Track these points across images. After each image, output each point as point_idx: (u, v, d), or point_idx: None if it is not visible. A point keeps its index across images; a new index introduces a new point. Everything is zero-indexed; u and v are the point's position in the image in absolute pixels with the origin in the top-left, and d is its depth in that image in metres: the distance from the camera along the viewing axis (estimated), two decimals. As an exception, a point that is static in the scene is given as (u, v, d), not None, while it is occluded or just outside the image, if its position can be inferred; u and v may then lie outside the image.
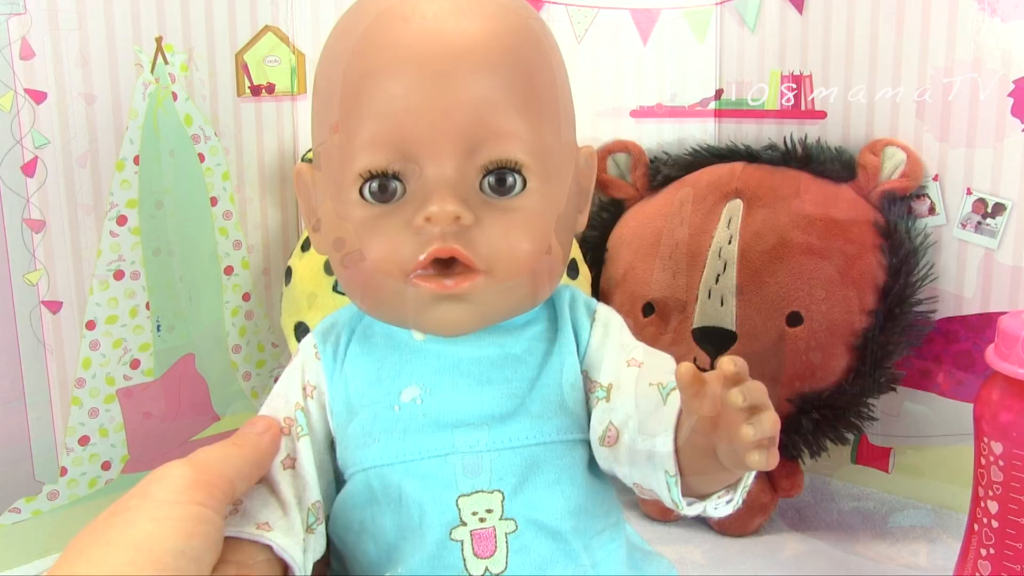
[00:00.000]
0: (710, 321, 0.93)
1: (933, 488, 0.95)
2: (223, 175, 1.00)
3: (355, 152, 0.57)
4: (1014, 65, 0.87)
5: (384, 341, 0.63)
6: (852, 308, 0.91)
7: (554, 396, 0.61)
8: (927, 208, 0.94)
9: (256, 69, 1.00)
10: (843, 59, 0.98)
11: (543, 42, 0.61)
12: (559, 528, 0.59)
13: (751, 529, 0.94)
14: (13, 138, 0.84)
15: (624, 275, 0.99)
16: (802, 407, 0.92)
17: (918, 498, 0.95)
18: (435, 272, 0.57)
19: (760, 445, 0.47)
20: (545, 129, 0.59)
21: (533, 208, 0.58)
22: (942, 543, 0.88)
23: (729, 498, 0.55)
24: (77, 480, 0.92)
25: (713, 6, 1.05)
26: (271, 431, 0.59)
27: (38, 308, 0.88)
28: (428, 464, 0.59)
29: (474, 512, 0.58)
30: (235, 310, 1.03)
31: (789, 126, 1.02)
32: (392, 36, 0.57)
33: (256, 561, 0.55)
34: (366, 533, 0.61)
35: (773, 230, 0.93)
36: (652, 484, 0.56)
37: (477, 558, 0.58)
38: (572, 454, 0.61)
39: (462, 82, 0.56)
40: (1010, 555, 0.66)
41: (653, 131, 1.07)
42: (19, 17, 0.83)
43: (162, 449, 0.97)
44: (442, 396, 0.60)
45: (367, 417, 0.61)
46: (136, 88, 0.92)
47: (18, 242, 0.86)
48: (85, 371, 0.91)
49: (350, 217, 0.58)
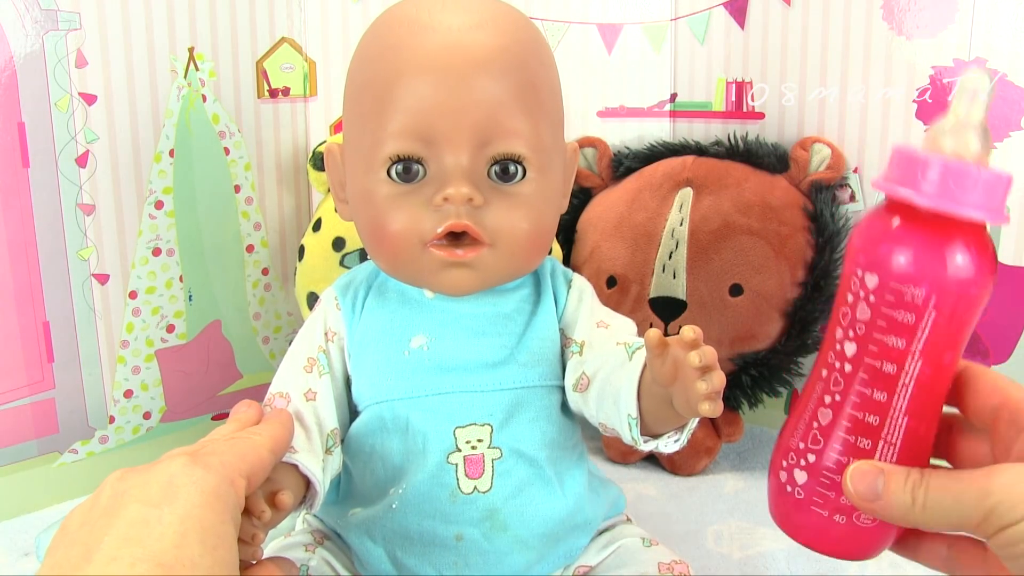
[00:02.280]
0: (664, 292, 0.97)
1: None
2: (245, 166, 1.03)
3: (385, 139, 0.61)
4: (917, 75, 0.92)
5: (397, 296, 0.67)
6: (785, 281, 0.95)
7: (537, 348, 0.66)
8: (848, 196, 0.98)
9: (274, 75, 1.03)
10: (778, 68, 1.01)
11: (543, 54, 0.65)
12: (536, 456, 0.65)
13: (698, 469, 0.99)
14: (69, 134, 0.89)
15: (591, 253, 1.02)
16: (742, 365, 0.96)
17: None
18: (448, 243, 0.61)
19: (710, 397, 0.51)
20: (543, 128, 0.63)
21: (531, 194, 0.63)
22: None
23: (676, 438, 0.60)
24: (123, 427, 0.97)
25: (668, 22, 1.08)
26: (284, 423, 0.59)
27: (89, 280, 0.92)
28: (431, 400, 0.64)
29: (467, 441, 0.64)
30: (255, 283, 1.06)
31: (733, 125, 1.06)
32: (421, 44, 0.60)
33: (284, 477, 0.58)
34: (376, 455, 0.65)
35: (718, 214, 0.96)
36: (615, 424, 0.61)
37: (468, 478, 0.64)
38: (550, 397, 0.66)
39: (479, 86, 0.59)
40: (857, 402, 0.53)
41: (616, 129, 1.10)
42: (75, 32, 0.87)
43: (194, 402, 1.01)
44: (445, 344, 0.65)
45: (380, 360, 0.66)
46: (171, 91, 0.95)
47: (72, 223, 0.90)
48: (128, 334, 0.95)
49: (377, 193, 0.62)
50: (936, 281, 0.51)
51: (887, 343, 0.52)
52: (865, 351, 0.53)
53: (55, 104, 0.88)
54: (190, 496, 0.47)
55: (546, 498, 0.66)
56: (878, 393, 0.53)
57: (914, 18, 0.92)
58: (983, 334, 0.93)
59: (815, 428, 0.55)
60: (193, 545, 0.45)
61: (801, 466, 0.55)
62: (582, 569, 0.69)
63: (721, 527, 0.88)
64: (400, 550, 0.66)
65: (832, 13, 0.97)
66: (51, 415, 0.92)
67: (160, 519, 0.46)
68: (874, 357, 0.53)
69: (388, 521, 0.65)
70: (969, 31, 0.89)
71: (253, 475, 0.52)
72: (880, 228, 0.52)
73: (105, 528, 0.45)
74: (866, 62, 0.96)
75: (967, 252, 0.51)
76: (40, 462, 0.92)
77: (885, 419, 0.53)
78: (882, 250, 0.52)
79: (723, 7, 1.04)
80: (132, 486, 0.48)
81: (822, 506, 0.54)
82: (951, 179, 0.50)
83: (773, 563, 0.83)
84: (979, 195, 0.50)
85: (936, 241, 0.51)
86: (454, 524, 0.64)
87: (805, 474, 0.55)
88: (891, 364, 0.52)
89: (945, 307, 0.51)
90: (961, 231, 0.51)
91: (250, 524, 0.54)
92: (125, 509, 0.46)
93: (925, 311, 0.51)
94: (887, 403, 0.53)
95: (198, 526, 0.46)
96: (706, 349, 0.51)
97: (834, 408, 0.54)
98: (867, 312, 0.53)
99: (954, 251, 0.51)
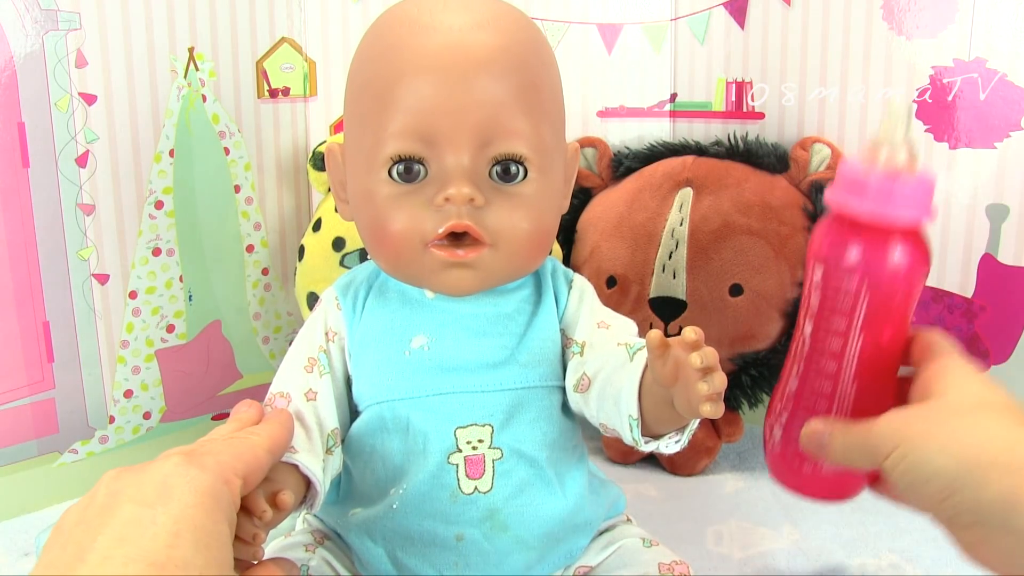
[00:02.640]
0: (664, 292, 0.96)
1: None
2: (245, 166, 1.03)
3: (386, 139, 0.61)
4: (917, 75, 0.92)
5: (397, 296, 0.67)
6: (784, 281, 0.94)
7: (538, 349, 0.66)
8: None
9: (274, 75, 1.03)
10: (778, 68, 1.02)
11: (544, 55, 0.65)
12: (536, 457, 0.65)
13: (699, 469, 0.99)
14: (69, 134, 0.89)
15: (591, 253, 1.02)
16: (742, 365, 0.96)
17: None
18: (449, 243, 0.61)
19: (711, 398, 0.52)
20: (544, 128, 0.63)
21: (532, 194, 0.63)
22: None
23: (677, 438, 0.60)
24: (123, 427, 0.97)
25: (668, 22, 1.08)
26: (283, 423, 0.60)
27: (89, 280, 0.92)
28: (432, 400, 0.64)
29: (468, 441, 0.64)
30: (255, 283, 1.06)
31: (733, 125, 1.05)
32: (422, 44, 0.60)
33: (284, 477, 0.58)
34: (376, 455, 0.65)
35: (718, 214, 0.96)
36: (616, 424, 0.61)
37: (469, 479, 0.64)
38: (550, 398, 0.66)
39: (480, 87, 0.59)
40: (813, 372, 0.65)
41: (617, 129, 1.10)
42: (75, 32, 0.88)
43: (194, 402, 1.01)
44: (446, 345, 0.65)
45: (381, 360, 0.66)
46: (171, 91, 0.95)
47: (72, 223, 0.90)
48: (128, 334, 0.95)
49: (378, 193, 0.62)
50: (865, 271, 0.62)
51: (832, 324, 0.63)
52: (818, 330, 0.64)
53: (55, 104, 0.88)
54: (184, 496, 0.48)
55: (546, 498, 0.66)
56: (829, 363, 0.64)
57: (914, 18, 0.92)
58: (983, 334, 0.94)
59: (787, 394, 0.66)
60: (186, 545, 0.45)
61: (779, 424, 0.67)
62: (582, 569, 0.70)
63: (721, 527, 0.89)
64: (400, 550, 0.66)
65: (832, 13, 0.98)
66: (51, 415, 0.92)
67: (154, 519, 0.46)
68: (824, 335, 0.64)
69: (388, 521, 0.65)
70: (969, 31, 0.90)
71: (249, 475, 0.53)
72: (825, 230, 0.64)
73: (99, 528, 0.46)
74: (866, 62, 0.96)
75: (892, 247, 0.61)
76: (40, 462, 0.92)
77: (836, 385, 0.64)
78: (824, 248, 0.63)
79: (723, 7, 1.05)
80: (126, 485, 0.48)
81: (794, 457, 0.65)
82: (878, 188, 0.61)
83: (773, 563, 0.83)
84: (903, 200, 0.60)
85: (865, 239, 0.62)
86: (454, 524, 0.64)
87: (781, 431, 0.67)
88: (837, 340, 0.63)
89: (876, 292, 0.62)
90: (888, 230, 0.61)
91: (251, 524, 0.54)
92: (119, 509, 0.47)
93: (859, 296, 0.62)
94: (837, 372, 0.64)
95: (191, 526, 0.46)
96: (707, 350, 0.52)
97: (800, 378, 0.65)
98: (818, 298, 0.64)
99: (880, 246, 0.61)
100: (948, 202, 0.94)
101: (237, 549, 0.53)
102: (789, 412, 0.66)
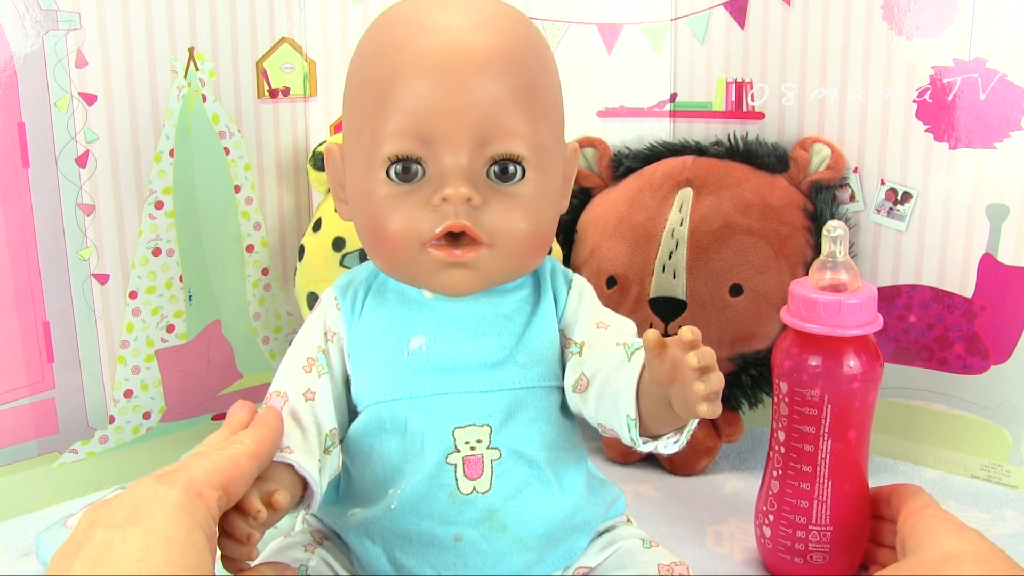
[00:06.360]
0: (664, 292, 0.96)
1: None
2: (245, 166, 1.03)
3: (384, 139, 0.61)
4: (917, 75, 0.93)
5: (396, 297, 0.67)
6: (784, 281, 0.94)
7: (536, 349, 0.66)
8: (848, 196, 0.99)
9: (274, 75, 1.03)
10: (778, 68, 1.02)
11: (543, 54, 0.65)
12: (535, 457, 0.65)
13: (698, 469, 0.99)
14: (69, 134, 0.89)
15: (591, 253, 1.02)
16: (742, 365, 0.96)
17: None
18: (447, 243, 0.61)
19: (708, 398, 0.51)
20: (542, 128, 0.63)
21: (530, 194, 0.63)
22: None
23: (676, 439, 0.60)
24: (123, 427, 0.96)
25: (668, 22, 1.08)
26: (269, 423, 0.60)
27: (89, 280, 0.92)
28: (430, 400, 0.65)
29: (466, 441, 0.64)
30: (255, 283, 1.06)
31: (733, 125, 1.05)
32: (420, 44, 0.60)
33: (281, 477, 0.59)
34: (374, 455, 0.66)
35: (718, 214, 0.96)
36: (614, 425, 0.61)
37: (467, 479, 0.64)
38: (549, 398, 0.67)
39: (477, 86, 0.59)
40: (792, 474, 0.74)
41: (616, 129, 1.10)
42: (75, 32, 0.88)
43: (194, 402, 1.01)
44: (444, 345, 0.65)
45: (379, 360, 0.66)
46: (171, 91, 0.95)
47: (72, 223, 0.90)
48: (128, 334, 0.95)
49: (376, 193, 0.62)
50: (825, 383, 0.72)
51: (803, 430, 0.74)
52: (790, 438, 0.75)
53: (55, 104, 0.88)
54: (153, 513, 0.49)
55: (545, 499, 0.66)
56: (805, 466, 0.75)
57: (914, 18, 0.92)
58: (983, 334, 0.94)
59: (770, 494, 0.78)
60: (157, 556, 0.47)
61: (767, 524, 0.78)
62: (581, 570, 0.70)
63: (721, 527, 0.89)
64: (399, 550, 0.66)
65: (832, 13, 0.98)
66: (51, 415, 0.92)
67: (124, 538, 0.48)
68: (796, 441, 0.75)
69: (387, 521, 0.66)
70: (969, 31, 0.90)
71: (229, 484, 0.54)
72: (786, 348, 0.74)
73: (75, 555, 0.48)
74: (866, 62, 0.96)
75: (847, 358, 0.72)
76: (40, 462, 0.92)
77: (814, 485, 0.75)
78: (787, 365, 0.74)
79: (723, 7, 1.05)
80: (100, 515, 0.50)
81: (785, 551, 0.77)
82: (826, 310, 0.71)
83: (773, 563, 0.82)
84: (850, 316, 0.71)
85: (822, 354, 0.72)
86: (453, 525, 0.65)
87: (770, 529, 0.78)
88: (809, 445, 0.74)
89: (838, 400, 0.73)
90: (841, 343, 0.72)
91: (245, 523, 0.55)
92: (93, 535, 0.49)
93: (823, 405, 0.73)
94: (812, 473, 0.74)
95: (161, 538, 0.48)
96: (704, 350, 0.52)
97: (780, 480, 0.77)
98: (786, 409, 0.75)
99: (836, 359, 0.72)
100: (948, 202, 0.94)
101: (232, 548, 0.55)
102: (775, 513, 0.77)
